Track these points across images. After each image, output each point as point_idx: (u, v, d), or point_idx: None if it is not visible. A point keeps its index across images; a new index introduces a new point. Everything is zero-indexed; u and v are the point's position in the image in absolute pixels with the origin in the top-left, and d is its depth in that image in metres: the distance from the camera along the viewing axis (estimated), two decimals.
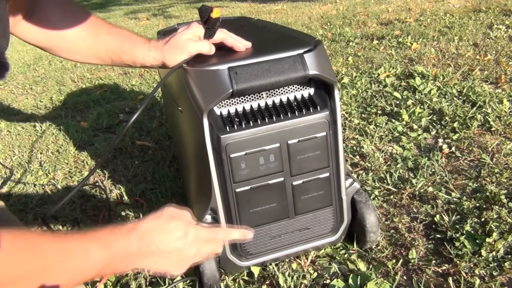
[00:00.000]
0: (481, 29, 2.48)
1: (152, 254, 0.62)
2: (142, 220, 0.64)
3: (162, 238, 0.62)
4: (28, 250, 0.50)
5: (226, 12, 4.31)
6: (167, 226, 0.64)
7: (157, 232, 0.62)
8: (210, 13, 0.79)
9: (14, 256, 0.48)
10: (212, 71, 0.77)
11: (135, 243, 0.60)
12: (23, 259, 0.49)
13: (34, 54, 3.64)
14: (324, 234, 0.95)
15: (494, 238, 0.97)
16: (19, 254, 0.49)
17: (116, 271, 0.60)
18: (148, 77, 2.51)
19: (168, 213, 0.66)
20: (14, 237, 0.49)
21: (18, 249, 0.49)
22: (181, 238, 0.64)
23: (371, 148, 1.41)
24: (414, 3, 3.45)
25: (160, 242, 0.62)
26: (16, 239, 0.49)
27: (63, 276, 0.53)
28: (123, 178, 1.45)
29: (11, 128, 2.00)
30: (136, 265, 0.61)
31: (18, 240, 0.49)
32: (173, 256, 0.64)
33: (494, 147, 1.33)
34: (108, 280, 0.98)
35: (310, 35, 0.90)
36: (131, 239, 0.60)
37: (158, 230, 0.63)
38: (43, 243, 0.52)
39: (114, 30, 0.83)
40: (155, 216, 0.65)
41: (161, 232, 0.63)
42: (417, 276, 0.92)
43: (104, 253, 0.57)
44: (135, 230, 0.61)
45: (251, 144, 0.81)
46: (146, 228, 0.62)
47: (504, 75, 1.82)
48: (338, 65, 2.22)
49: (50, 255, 0.52)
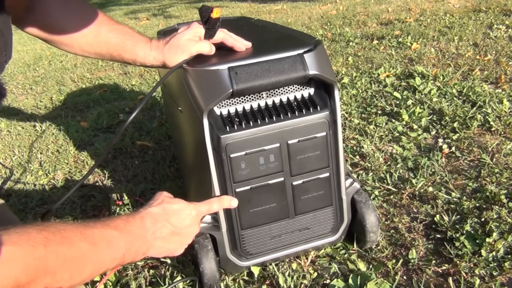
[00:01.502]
0: (481, 29, 2.48)
1: (169, 235, 0.67)
2: (148, 207, 0.68)
3: (174, 219, 0.68)
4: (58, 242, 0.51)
5: (226, 12, 4.31)
6: (172, 207, 0.69)
7: (168, 214, 0.68)
8: (210, 13, 0.79)
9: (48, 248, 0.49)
10: (212, 71, 0.77)
11: (150, 228, 0.65)
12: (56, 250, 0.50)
13: (34, 54, 3.64)
14: (324, 234, 0.95)
15: (494, 238, 0.97)
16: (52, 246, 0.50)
17: (135, 259, 0.63)
18: (148, 77, 2.52)
19: (167, 197, 0.72)
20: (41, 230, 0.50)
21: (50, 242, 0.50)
22: (188, 216, 0.70)
23: (371, 148, 1.41)
24: (414, 3, 3.45)
25: (174, 222, 0.68)
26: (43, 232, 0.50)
27: (92, 265, 0.55)
28: (123, 178, 1.45)
29: (11, 128, 2.00)
30: (151, 249, 0.65)
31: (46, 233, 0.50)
32: (184, 233, 0.70)
33: (494, 147, 1.33)
34: (108, 280, 0.98)
35: (310, 35, 0.90)
36: (146, 224, 0.65)
37: (167, 213, 0.68)
38: (68, 233, 0.53)
39: (116, 27, 0.83)
40: (157, 202, 0.70)
41: (171, 214, 0.68)
42: (417, 276, 0.92)
43: (124, 240, 0.60)
44: (147, 215, 0.66)
45: (251, 144, 0.81)
46: (156, 213, 0.67)
47: (504, 75, 1.82)
48: (338, 65, 2.22)
49: (78, 245, 0.53)
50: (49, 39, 0.81)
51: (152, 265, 1.04)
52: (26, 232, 0.49)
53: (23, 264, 0.46)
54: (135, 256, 0.63)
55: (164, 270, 1.01)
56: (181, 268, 1.00)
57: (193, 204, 0.73)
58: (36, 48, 3.90)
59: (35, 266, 0.47)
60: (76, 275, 0.52)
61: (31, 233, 0.49)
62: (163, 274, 1.00)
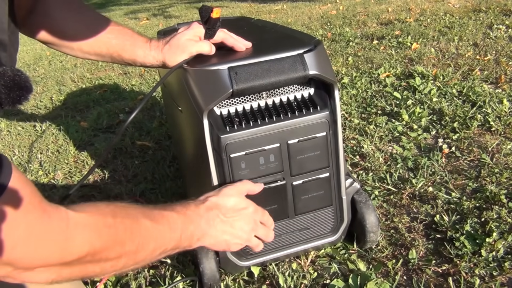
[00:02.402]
0: (481, 29, 2.48)
1: (220, 223, 0.71)
2: (205, 196, 0.74)
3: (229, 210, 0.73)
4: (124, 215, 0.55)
5: (226, 12, 4.31)
6: (228, 200, 0.74)
7: (221, 206, 0.72)
8: (210, 13, 0.79)
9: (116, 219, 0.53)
10: (212, 71, 0.77)
11: (204, 215, 0.69)
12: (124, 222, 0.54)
13: (34, 54, 3.64)
14: (324, 234, 0.95)
15: (494, 238, 0.97)
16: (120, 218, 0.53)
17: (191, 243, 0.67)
18: (148, 77, 2.52)
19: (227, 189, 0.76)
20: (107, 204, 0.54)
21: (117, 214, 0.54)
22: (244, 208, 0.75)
23: (371, 148, 1.41)
24: (414, 3, 3.45)
25: (226, 211, 0.72)
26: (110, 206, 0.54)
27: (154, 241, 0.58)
28: (123, 178, 1.45)
29: (11, 128, 2.00)
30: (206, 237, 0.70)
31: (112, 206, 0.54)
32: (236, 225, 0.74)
33: (494, 147, 1.33)
34: (108, 280, 0.98)
35: (310, 35, 0.90)
36: (200, 211, 0.69)
37: (222, 204, 0.73)
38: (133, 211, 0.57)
39: (116, 28, 0.83)
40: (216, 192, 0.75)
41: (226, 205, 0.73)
42: (417, 276, 0.92)
43: (181, 221, 0.64)
44: (204, 203, 0.71)
45: (251, 144, 0.81)
46: (212, 201, 0.72)
47: (504, 75, 1.82)
48: (338, 65, 2.22)
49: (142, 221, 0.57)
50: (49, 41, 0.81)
51: (152, 265, 1.04)
52: (96, 205, 0.53)
53: (96, 229, 0.50)
54: (191, 240, 0.66)
55: (164, 270, 1.01)
56: (181, 268, 1.00)
57: (253, 203, 0.77)
58: (36, 48, 3.90)
59: (107, 233, 0.51)
60: (141, 249, 0.56)
61: (99, 206, 0.53)
62: (163, 274, 1.00)
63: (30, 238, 0.44)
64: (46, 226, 0.46)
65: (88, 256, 0.49)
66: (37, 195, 0.47)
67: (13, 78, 0.41)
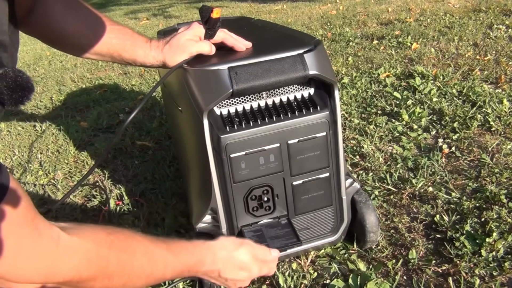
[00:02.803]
0: (481, 29, 2.48)
1: (216, 277, 0.72)
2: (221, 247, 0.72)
3: (229, 271, 0.72)
4: (122, 248, 0.53)
5: (226, 12, 4.31)
6: (238, 262, 0.73)
7: (228, 264, 0.72)
8: (210, 13, 0.79)
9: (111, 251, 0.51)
10: (212, 71, 0.77)
11: (206, 266, 0.69)
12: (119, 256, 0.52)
13: (34, 54, 3.64)
14: (324, 234, 0.95)
15: (494, 238, 0.97)
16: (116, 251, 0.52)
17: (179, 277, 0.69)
18: (148, 77, 2.52)
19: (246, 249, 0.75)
20: (109, 234, 0.53)
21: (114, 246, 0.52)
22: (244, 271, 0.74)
23: (371, 148, 1.41)
24: (414, 3, 3.45)
25: (226, 273, 0.72)
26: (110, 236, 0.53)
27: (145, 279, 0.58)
28: (123, 178, 1.45)
29: (11, 128, 2.00)
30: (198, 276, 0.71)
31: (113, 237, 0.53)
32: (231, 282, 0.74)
33: (494, 147, 1.33)
34: None
35: (310, 35, 0.90)
36: (205, 262, 0.69)
37: (229, 262, 0.72)
38: (134, 244, 0.56)
39: (116, 28, 0.83)
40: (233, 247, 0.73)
41: (232, 265, 0.72)
42: (417, 276, 0.92)
43: (179, 268, 0.64)
44: (212, 255, 0.70)
45: (251, 144, 0.81)
46: (220, 257, 0.71)
47: (504, 75, 1.82)
48: (338, 65, 2.22)
49: (140, 258, 0.56)
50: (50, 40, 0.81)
51: None
52: (94, 231, 0.52)
53: (86, 258, 0.48)
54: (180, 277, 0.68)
55: None
56: None
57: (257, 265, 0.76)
58: (36, 48, 3.90)
59: (97, 263, 0.50)
60: (129, 284, 0.55)
61: (99, 233, 0.52)
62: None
63: (18, 253, 0.43)
64: (35, 243, 0.45)
65: (73, 282, 0.48)
66: (32, 210, 0.46)
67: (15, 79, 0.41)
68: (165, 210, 1.23)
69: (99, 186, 1.40)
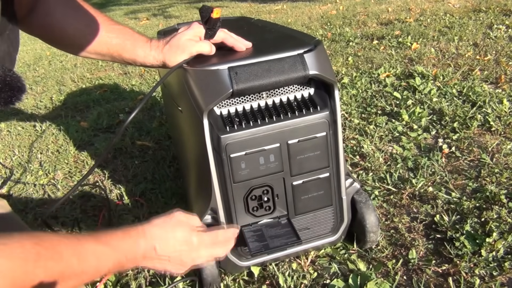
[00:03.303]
0: (481, 29, 2.48)
1: (156, 257, 0.67)
2: (150, 224, 0.68)
3: (166, 245, 0.67)
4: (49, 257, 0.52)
5: (226, 12, 4.31)
6: (173, 233, 0.69)
7: (162, 239, 0.67)
8: (210, 13, 0.79)
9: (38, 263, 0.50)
10: (212, 71, 0.77)
11: (142, 248, 0.65)
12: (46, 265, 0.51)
13: (34, 54, 3.64)
14: (324, 234, 0.95)
15: (494, 238, 0.97)
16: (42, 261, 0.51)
17: (122, 270, 0.64)
18: (148, 77, 2.52)
19: (176, 219, 0.71)
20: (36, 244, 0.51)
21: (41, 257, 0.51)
22: (184, 244, 0.69)
23: (371, 148, 1.41)
24: (414, 3, 3.45)
25: (163, 249, 0.67)
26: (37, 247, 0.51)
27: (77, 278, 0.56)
28: (123, 178, 1.45)
29: (11, 128, 2.00)
30: (141, 265, 0.67)
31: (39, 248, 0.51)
32: (175, 260, 0.69)
33: (494, 147, 1.33)
34: (108, 280, 0.98)
35: (310, 35, 0.90)
36: (139, 244, 0.64)
37: (163, 237, 0.67)
38: (61, 248, 0.54)
39: (116, 28, 0.83)
40: (163, 222, 0.69)
41: (166, 239, 0.68)
42: (417, 276, 0.92)
43: (114, 257, 0.61)
44: (143, 235, 0.66)
45: (251, 144, 0.81)
46: (153, 234, 0.67)
47: (504, 75, 1.82)
48: (338, 65, 2.22)
49: (68, 260, 0.55)
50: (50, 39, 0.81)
51: None
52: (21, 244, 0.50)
53: (11, 277, 0.47)
54: (121, 269, 0.64)
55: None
56: None
57: (196, 232, 0.72)
58: (36, 48, 3.90)
59: (23, 279, 0.48)
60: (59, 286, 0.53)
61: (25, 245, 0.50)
62: (163, 274, 1.00)
63: None
64: None
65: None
66: None
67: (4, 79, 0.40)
68: (165, 210, 1.22)
69: (99, 186, 1.40)
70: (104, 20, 0.82)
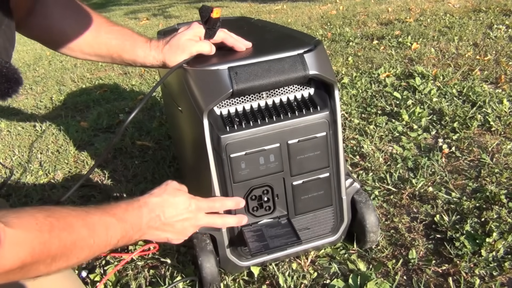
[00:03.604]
0: (481, 29, 2.48)
1: (161, 225, 0.71)
2: (150, 195, 0.72)
3: (169, 211, 0.71)
4: (62, 228, 0.54)
5: (226, 12, 4.31)
6: (173, 199, 0.73)
7: (165, 206, 0.71)
8: (210, 13, 0.79)
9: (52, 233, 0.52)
10: (212, 71, 0.77)
11: (145, 217, 0.68)
12: (60, 236, 0.53)
13: (34, 54, 3.64)
14: (324, 234, 0.95)
15: (494, 238, 0.97)
16: (56, 231, 0.53)
17: (128, 242, 0.67)
18: (148, 77, 2.52)
19: (172, 187, 0.75)
20: (48, 216, 0.53)
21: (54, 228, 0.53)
22: (186, 209, 0.73)
23: (371, 148, 1.41)
24: (414, 3, 3.45)
25: (167, 215, 0.71)
26: (49, 218, 0.53)
27: (89, 249, 0.58)
28: (123, 178, 1.45)
29: (11, 128, 2.00)
30: (146, 236, 0.70)
31: (52, 219, 0.53)
32: (178, 227, 0.73)
33: (494, 147, 1.33)
34: (108, 280, 0.98)
35: (310, 35, 0.90)
36: (143, 214, 0.68)
37: (165, 204, 0.72)
38: (72, 219, 0.57)
39: (116, 29, 0.83)
40: (160, 191, 0.73)
41: (168, 206, 0.72)
42: (417, 276, 0.92)
43: (121, 227, 0.64)
44: (145, 205, 0.69)
45: (251, 144, 0.81)
46: (155, 203, 0.71)
47: (504, 75, 1.82)
48: (338, 65, 2.22)
49: (79, 231, 0.57)
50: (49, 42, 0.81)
51: (152, 265, 1.04)
52: (34, 217, 0.52)
53: (30, 247, 0.49)
54: (129, 241, 0.67)
55: (164, 270, 1.01)
56: (181, 268, 1.00)
57: (195, 199, 0.76)
58: (36, 48, 3.90)
59: (40, 249, 0.50)
60: (73, 258, 0.56)
61: (38, 217, 0.52)
62: (163, 274, 1.00)
63: None
64: None
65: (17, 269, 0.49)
66: None
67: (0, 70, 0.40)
68: None
69: (99, 186, 1.40)
70: (103, 22, 0.82)
